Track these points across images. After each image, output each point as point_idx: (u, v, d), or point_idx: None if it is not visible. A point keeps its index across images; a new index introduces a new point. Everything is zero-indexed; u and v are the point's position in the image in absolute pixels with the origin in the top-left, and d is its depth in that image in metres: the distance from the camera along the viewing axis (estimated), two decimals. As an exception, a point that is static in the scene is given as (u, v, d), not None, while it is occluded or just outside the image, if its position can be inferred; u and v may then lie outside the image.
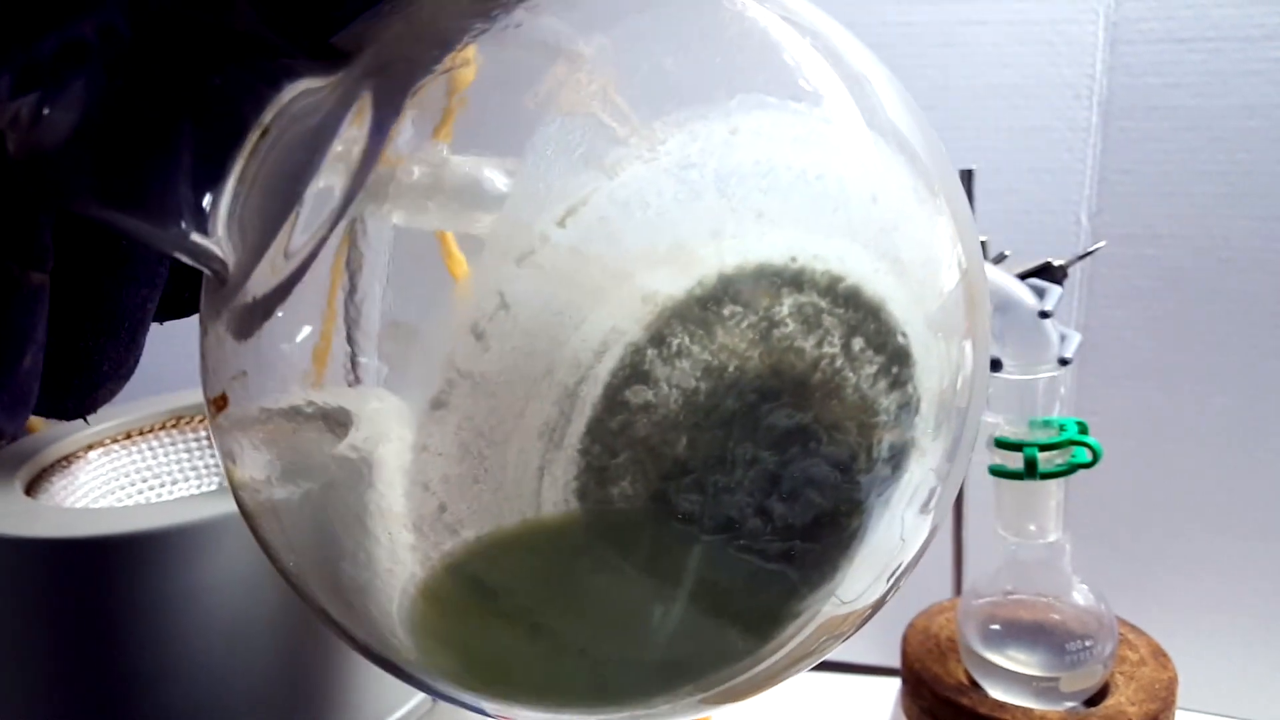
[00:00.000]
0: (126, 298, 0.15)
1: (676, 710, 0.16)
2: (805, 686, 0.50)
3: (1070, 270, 0.33)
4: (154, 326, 0.16)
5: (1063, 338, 0.32)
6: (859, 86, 0.15)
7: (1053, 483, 0.32)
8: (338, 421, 0.13)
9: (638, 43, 0.14)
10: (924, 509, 0.15)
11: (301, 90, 0.14)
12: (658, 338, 0.13)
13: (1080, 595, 0.33)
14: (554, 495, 0.13)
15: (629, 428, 0.13)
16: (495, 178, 0.13)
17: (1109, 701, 0.32)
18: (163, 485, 0.39)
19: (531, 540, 0.14)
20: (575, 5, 0.14)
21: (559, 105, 0.13)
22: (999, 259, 0.36)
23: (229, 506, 0.29)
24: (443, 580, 0.14)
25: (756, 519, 0.13)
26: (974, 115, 0.42)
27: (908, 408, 0.14)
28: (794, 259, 0.13)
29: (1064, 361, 0.32)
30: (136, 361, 0.16)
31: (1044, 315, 0.31)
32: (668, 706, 0.15)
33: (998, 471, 0.33)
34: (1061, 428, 0.32)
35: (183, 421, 0.40)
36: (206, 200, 0.13)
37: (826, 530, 0.14)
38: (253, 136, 0.13)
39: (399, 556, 0.14)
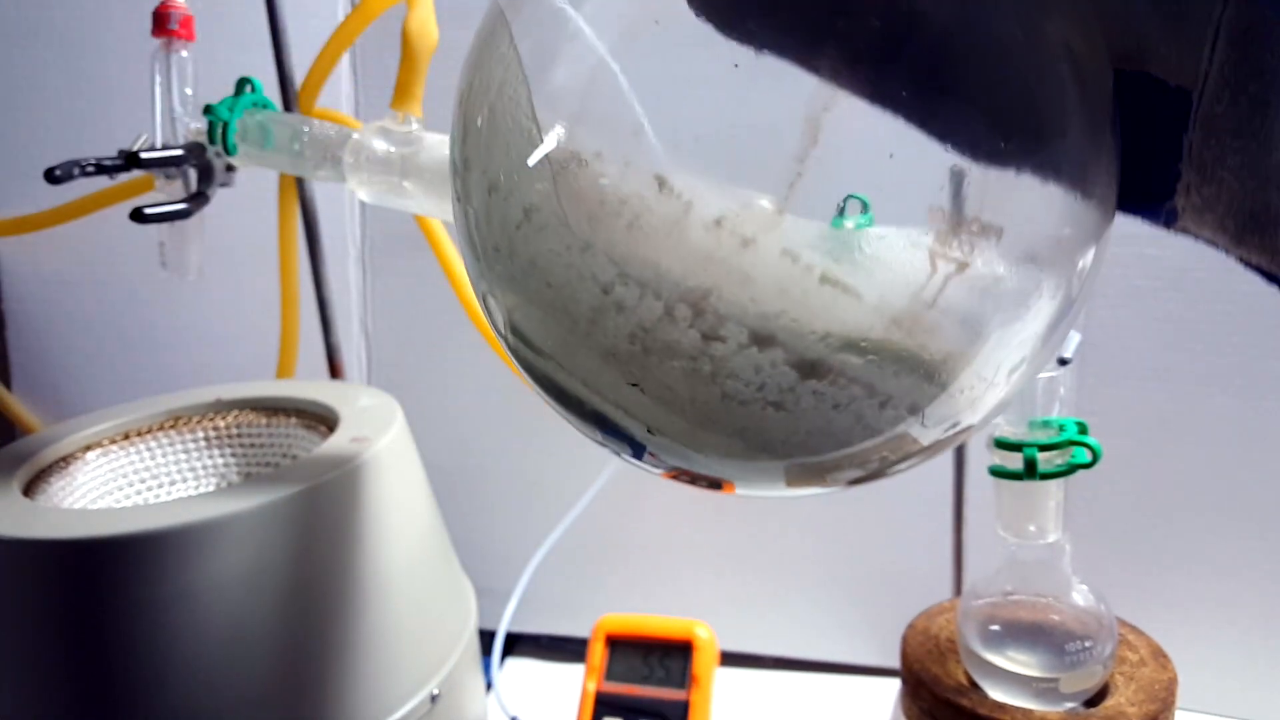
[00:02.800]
0: None
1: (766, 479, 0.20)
2: (805, 687, 0.50)
3: (1070, 270, 0.33)
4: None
5: (1062, 338, 0.32)
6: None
7: (1052, 483, 0.32)
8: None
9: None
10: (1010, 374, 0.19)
11: None
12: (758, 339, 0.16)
13: (1080, 596, 0.33)
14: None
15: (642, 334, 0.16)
16: None
17: (1109, 702, 0.32)
18: (160, 486, 0.39)
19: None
20: None
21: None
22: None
23: (227, 507, 0.29)
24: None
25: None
26: (973, 115, 0.42)
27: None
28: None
29: (1064, 361, 0.32)
30: None
31: (1044, 315, 0.31)
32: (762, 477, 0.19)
33: (997, 472, 0.33)
34: (1061, 428, 0.32)
35: (180, 422, 0.40)
36: None
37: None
38: None
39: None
